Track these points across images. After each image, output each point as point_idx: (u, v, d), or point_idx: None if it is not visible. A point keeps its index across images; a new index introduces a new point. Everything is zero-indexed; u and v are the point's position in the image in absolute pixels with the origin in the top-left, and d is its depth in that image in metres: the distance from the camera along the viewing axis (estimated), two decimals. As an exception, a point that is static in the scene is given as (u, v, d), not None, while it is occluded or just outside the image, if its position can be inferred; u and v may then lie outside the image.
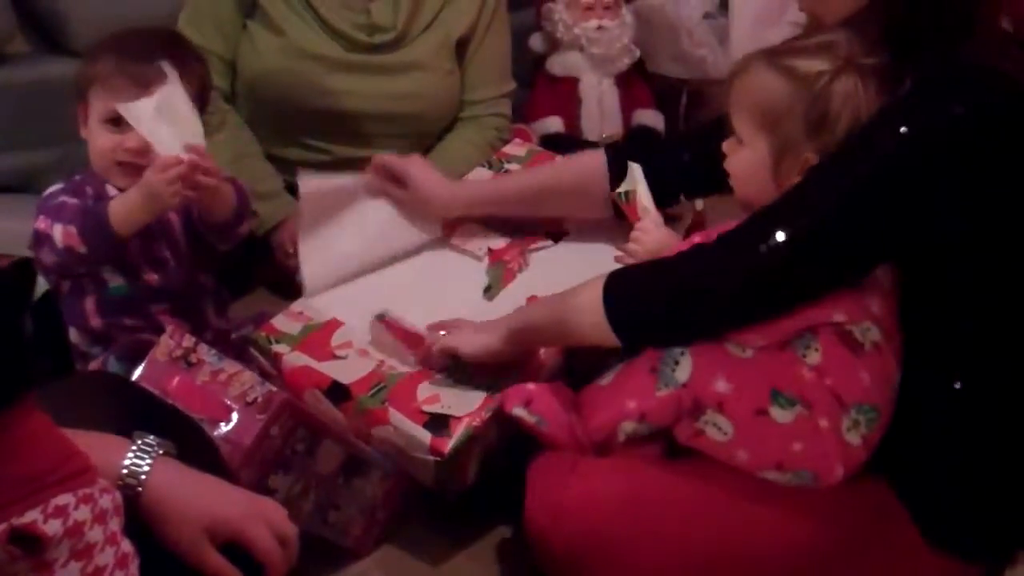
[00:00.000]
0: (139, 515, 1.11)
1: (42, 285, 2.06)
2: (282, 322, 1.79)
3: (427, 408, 1.63)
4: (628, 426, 1.50)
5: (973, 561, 1.46)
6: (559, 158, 2.12)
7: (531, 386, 1.58)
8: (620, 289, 1.46)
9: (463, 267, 1.96)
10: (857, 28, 1.44)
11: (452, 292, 1.88)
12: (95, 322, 1.75)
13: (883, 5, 1.42)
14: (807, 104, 1.42)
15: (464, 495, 1.68)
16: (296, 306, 1.83)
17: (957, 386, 1.42)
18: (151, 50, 1.68)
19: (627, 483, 1.50)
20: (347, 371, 1.71)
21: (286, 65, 2.17)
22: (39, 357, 1.03)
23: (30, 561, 0.93)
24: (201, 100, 1.76)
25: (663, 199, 1.78)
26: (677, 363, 1.44)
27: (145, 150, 1.66)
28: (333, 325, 1.79)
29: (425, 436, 1.60)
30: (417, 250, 1.98)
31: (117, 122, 1.67)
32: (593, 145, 2.63)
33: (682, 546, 1.46)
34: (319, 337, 1.77)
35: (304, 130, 2.23)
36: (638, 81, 2.77)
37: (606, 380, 1.56)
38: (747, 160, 1.51)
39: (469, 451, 1.63)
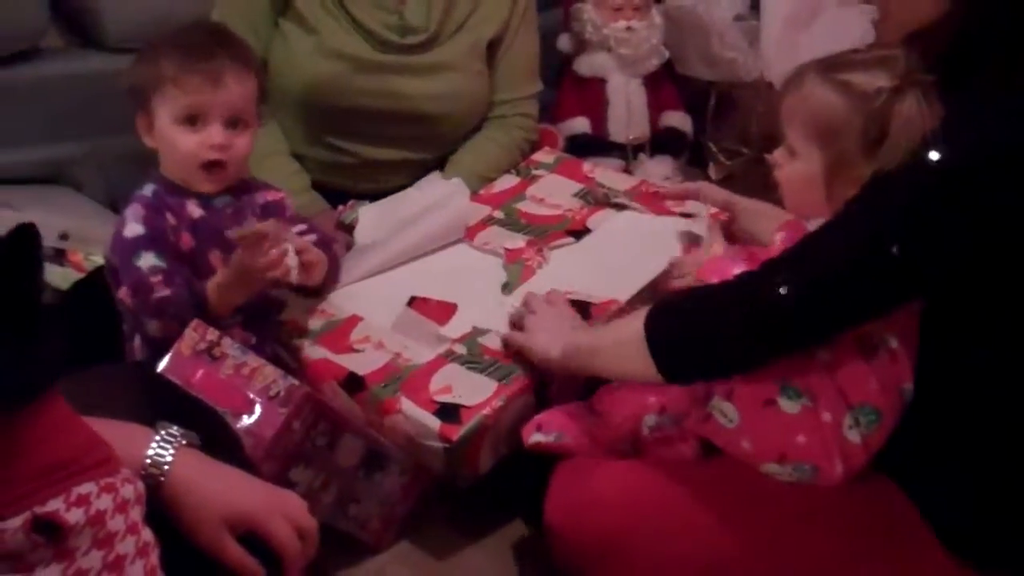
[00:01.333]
0: (160, 505, 1.12)
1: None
2: (305, 318, 1.83)
3: (439, 398, 1.66)
4: (650, 419, 1.53)
5: (990, 569, 1.45)
6: None
7: (540, 416, 1.62)
8: (661, 328, 1.46)
9: (482, 264, 1.98)
10: (919, 43, 1.42)
11: (471, 288, 1.91)
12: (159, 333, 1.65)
13: (960, 16, 1.39)
14: (865, 121, 1.39)
15: (482, 491, 1.69)
16: (319, 304, 1.87)
17: (976, 394, 1.41)
18: (211, 45, 1.67)
19: (646, 483, 1.51)
20: (363, 363, 1.75)
21: (317, 64, 2.17)
22: (83, 340, 1.04)
23: (52, 549, 0.94)
24: (259, 78, 1.74)
25: None
26: None
27: (228, 143, 1.66)
28: (353, 321, 1.83)
29: (435, 424, 1.63)
30: (437, 250, 2.02)
31: (194, 120, 1.65)
32: (620, 147, 2.65)
33: (699, 547, 1.46)
34: (339, 332, 1.81)
35: (332, 130, 2.23)
36: (667, 83, 2.76)
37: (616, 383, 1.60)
38: (799, 173, 1.49)
39: (480, 440, 1.64)
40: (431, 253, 2.02)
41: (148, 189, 1.68)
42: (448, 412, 1.64)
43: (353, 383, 1.72)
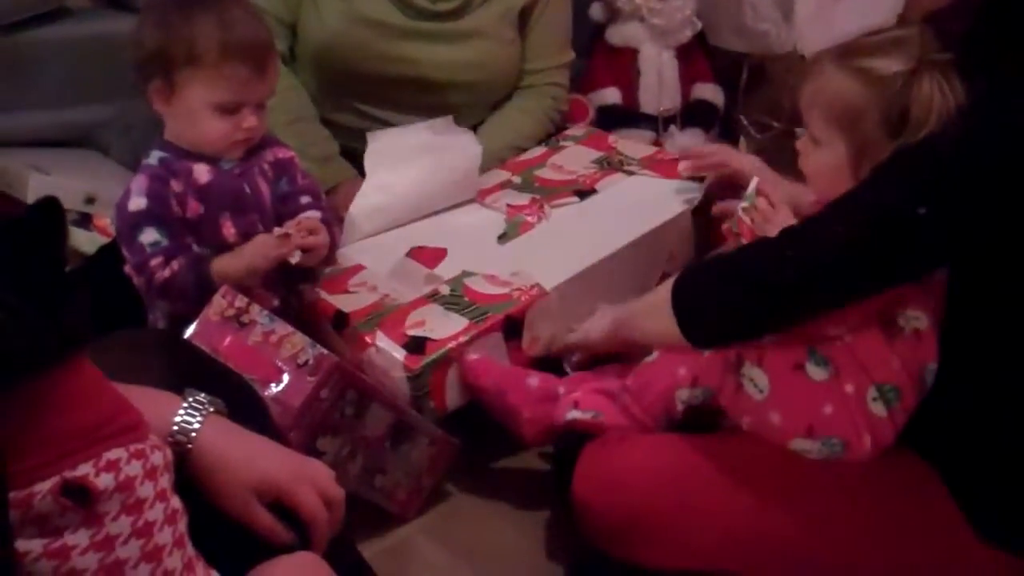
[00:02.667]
0: (188, 472, 1.12)
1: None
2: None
3: (411, 332, 1.72)
4: (683, 393, 1.53)
5: (1022, 554, 1.44)
6: None
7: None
8: (684, 292, 1.47)
9: (485, 218, 2.05)
10: (943, 21, 1.40)
11: (468, 236, 1.98)
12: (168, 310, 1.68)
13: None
14: (885, 105, 1.40)
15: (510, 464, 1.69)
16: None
17: (1011, 381, 1.39)
18: (243, 19, 1.62)
19: (673, 457, 1.51)
20: (352, 303, 1.81)
21: (348, 30, 2.16)
22: (108, 305, 1.04)
23: (81, 514, 0.94)
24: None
25: None
26: None
27: (260, 125, 1.66)
28: (355, 269, 1.92)
29: (400, 354, 1.67)
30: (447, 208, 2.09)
31: (230, 109, 1.63)
32: (651, 118, 2.63)
33: (725, 520, 1.47)
34: (340, 277, 1.88)
35: (362, 96, 2.22)
36: (699, 54, 2.73)
37: (652, 356, 1.59)
38: (824, 161, 1.50)
39: (442, 373, 1.68)
40: (441, 212, 2.08)
41: (154, 157, 1.66)
42: (415, 345, 1.70)
43: (339, 320, 1.78)
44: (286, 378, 1.46)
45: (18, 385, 0.89)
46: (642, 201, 2.04)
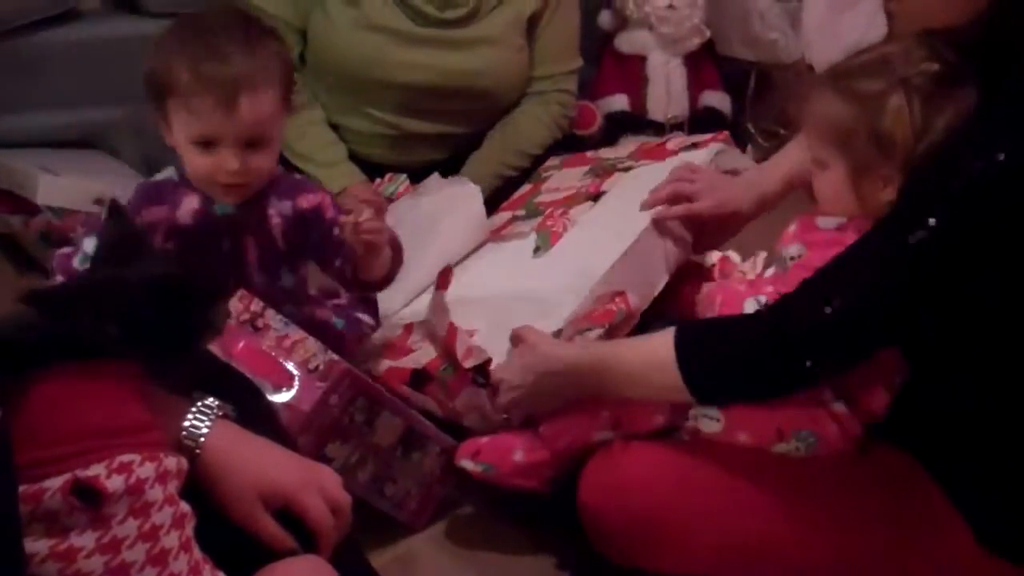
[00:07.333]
0: (195, 477, 1.12)
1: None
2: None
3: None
4: (602, 435, 1.55)
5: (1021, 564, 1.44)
6: None
7: (483, 439, 1.61)
8: (692, 353, 1.43)
9: (511, 246, 2.00)
10: (942, 36, 1.41)
11: (504, 263, 1.94)
12: None
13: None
14: (869, 123, 1.43)
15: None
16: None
17: (1010, 390, 1.39)
18: (225, 51, 1.53)
19: (679, 463, 1.51)
20: (421, 358, 1.74)
21: (357, 37, 2.16)
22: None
23: (89, 514, 0.94)
24: (286, 81, 1.61)
25: None
26: None
27: (244, 169, 1.56)
28: (406, 331, 1.84)
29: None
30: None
31: (208, 145, 1.55)
32: (658, 125, 2.63)
33: (732, 526, 1.46)
34: (398, 343, 1.82)
35: (371, 102, 2.23)
36: (707, 62, 2.74)
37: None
38: (829, 182, 1.52)
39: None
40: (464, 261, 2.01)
41: (164, 173, 1.65)
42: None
43: (417, 379, 1.71)
44: (297, 383, 1.46)
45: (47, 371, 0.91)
46: (653, 183, 1.93)
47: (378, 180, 2.17)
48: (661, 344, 1.45)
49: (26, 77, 2.34)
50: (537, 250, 1.93)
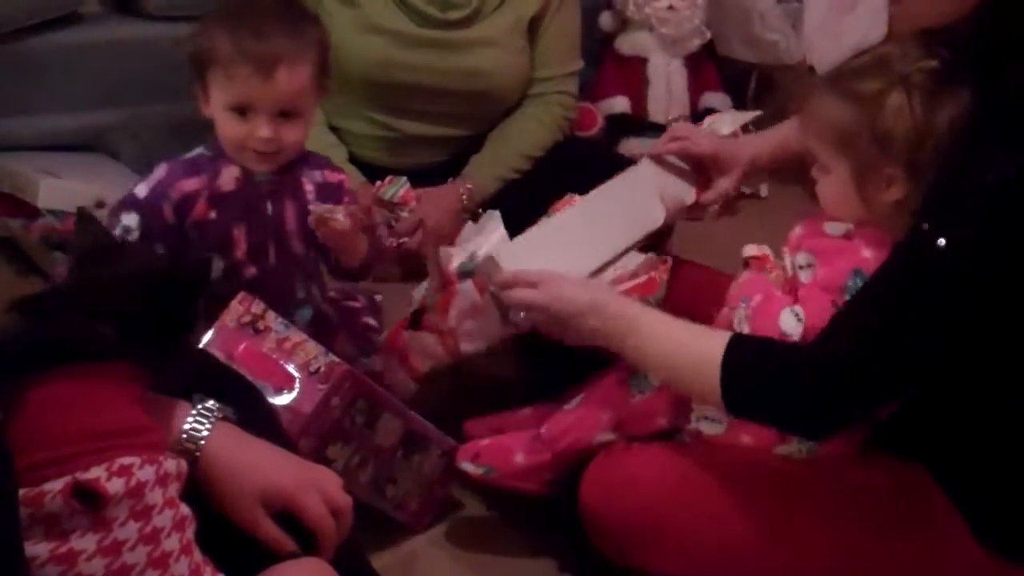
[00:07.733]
0: (196, 479, 1.12)
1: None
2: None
3: None
4: (603, 436, 1.56)
5: (1020, 563, 1.44)
6: None
7: (484, 441, 1.63)
8: (739, 371, 1.41)
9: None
10: (942, 32, 1.41)
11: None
12: None
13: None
14: (870, 123, 1.43)
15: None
16: None
17: (1010, 390, 1.39)
18: (267, 30, 1.61)
19: (680, 465, 1.51)
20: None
21: (357, 38, 2.16)
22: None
23: (90, 517, 0.94)
24: (322, 64, 1.69)
25: None
26: None
27: (276, 137, 1.63)
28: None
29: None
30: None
31: (243, 110, 1.63)
32: (659, 127, 2.63)
33: (733, 527, 1.47)
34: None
35: (371, 104, 2.22)
36: (707, 63, 2.75)
37: (572, 404, 1.62)
38: (833, 186, 1.51)
39: None
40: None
41: (197, 150, 1.69)
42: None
43: (415, 318, 1.73)
44: (298, 385, 1.46)
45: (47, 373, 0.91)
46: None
47: (378, 183, 2.16)
48: (707, 346, 1.42)
49: (27, 80, 2.34)
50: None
